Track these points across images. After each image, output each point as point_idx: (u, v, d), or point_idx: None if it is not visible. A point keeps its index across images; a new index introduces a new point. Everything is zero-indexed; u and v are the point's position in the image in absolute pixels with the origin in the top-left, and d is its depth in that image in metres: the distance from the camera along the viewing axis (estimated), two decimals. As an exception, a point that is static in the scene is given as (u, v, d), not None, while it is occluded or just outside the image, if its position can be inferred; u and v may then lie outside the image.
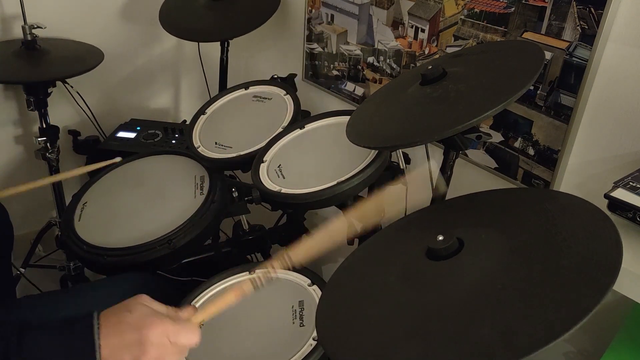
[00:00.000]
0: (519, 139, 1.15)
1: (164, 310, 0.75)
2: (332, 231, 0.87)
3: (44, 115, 1.65)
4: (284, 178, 1.17)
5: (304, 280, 1.06)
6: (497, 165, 1.22)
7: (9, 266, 1.48)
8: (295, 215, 1.50)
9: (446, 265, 0.70)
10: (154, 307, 0.74)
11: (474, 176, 1.27)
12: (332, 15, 1.52)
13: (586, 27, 0.99)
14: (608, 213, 0.78)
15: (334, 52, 1.56)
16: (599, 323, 1.03)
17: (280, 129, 1.30)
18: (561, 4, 1.02)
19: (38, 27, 1.60)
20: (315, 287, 1.04)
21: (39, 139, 1.66)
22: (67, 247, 1.21)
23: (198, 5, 1.68)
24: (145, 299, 0.74)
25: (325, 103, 1.65)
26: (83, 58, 1.64)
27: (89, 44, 1.73)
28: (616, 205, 0.81)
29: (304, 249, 0.83)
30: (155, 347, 0.70)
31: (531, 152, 1.14)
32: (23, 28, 1.58)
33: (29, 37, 1.59)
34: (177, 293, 1.17)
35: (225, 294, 0.81)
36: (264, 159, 1.23)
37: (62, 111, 1.84)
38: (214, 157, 1.31)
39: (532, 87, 1.09)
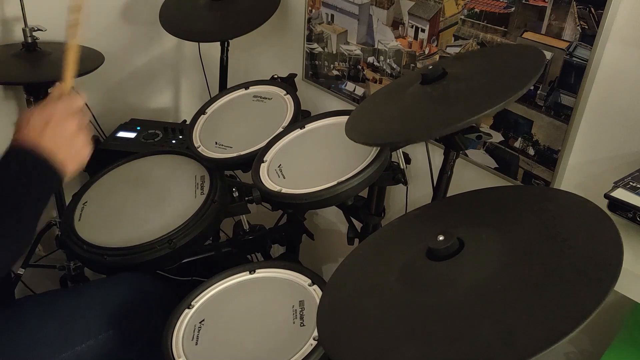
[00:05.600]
0: (519, 138, 1.15)
1: (47, 100, 0.88)
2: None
3: (44, 115, 1.65)
4: (284, 178, 1.17)
5: (304, 280, 1.06)
6: (497, 165, 1.22)
7: None
8: (295, 215, 1.50)
9: (446, 265, 0.70)
10: (38, 108, 0.86)
11: (474, 176, 1.27)
12: (332, 15, 1.52)
13: (586, 27, 0.99)
14: (608, 213, 0.78)
15: (334, 52, 1.56)
16: (599, 323, 1.03)
17: (280, 129, 1.30)
18: (561, 4, 1.02)
19: (39, 29, 1.60)
20: (315, 287, 1.04)
21: (39, 139, 1.66)
22: (67, 247, 1.21)
23: (198, 6, 1.68)
24: (26, 113, 0.86)
25: (325, 103, 1.65)
26: (83, 60, 1.63)
27: (89, 47, 1.73)
28: (616, 205, 0.81)
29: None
30: (67, 118, 0.85)
31: (531, 152, 1.14)
32: (24, 30, 1.59)
33: (29, 40, 1.59)
34: (176, 293, 1.17)
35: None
36: (264, 159, 1.23)
37: (62, 111, 1.84)
38: (214, 157, 1.31)
39: (532, 87, 1.09)
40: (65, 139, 0.84)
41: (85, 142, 0.87)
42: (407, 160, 1.22)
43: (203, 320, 1.02)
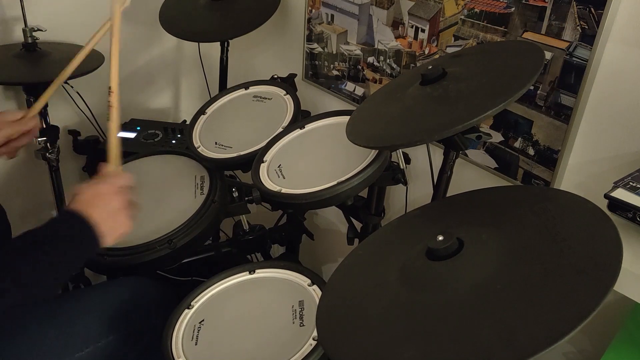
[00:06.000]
0: (519, 139, 1.15)
1: (99, 178, 0.98)
2: None
3: (44, 116, 1.65)
4: (284, 178, 1.17)
5: (304, 280, 1.06)
6: (497, 165, 1.22)
7: None
8: (295, 215, 1.50)
9: (446, 265, 0.70)
10: (88, 183, 0.95)
11: (474, 176, 1.27)
12: (332, 15, 1.52)
13: (586, 27, 0.99)
14: (608, 213, 0.78)
15: (334, 52, 1.56)
16: (599, 323, 1.03)
17: (280, 129, 1.30)
18: (561, 4, 1.02)
19: (39, 29, 1.60)
20: (315, 287, 1.04)
21: (39, 139, 1.66)
22: (67, 247, 1.20)
23: (198, 6, 1.68)
24: (79, 187, 0.93)
25: (325, 103, 1.65)
26: (83, 61, 1.64)
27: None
28: (616, 205, 0.81)
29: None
30: (114, 195, 0.94)
31: (531, 152, 1.14)
32: (24, 31, 1.59)
33: (29, 40, 1.59)
34: (176, 293, 1.17)
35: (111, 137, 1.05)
36: (264, 159, 1.23)
37: (62, 111, 1.84)
38: (214, 157, 1.31)
39: (532, 87, 1.09)
40: (110, 213, 0.92)
41: (127, 219, 0.96)
42: (407, 160, 1.22)
43: (203, 320, 1.02)
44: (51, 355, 1.02)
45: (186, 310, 1.04)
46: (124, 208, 0.95)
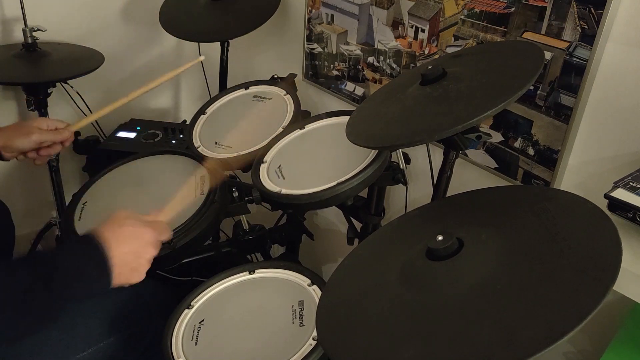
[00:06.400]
0: (519, 139, 1.15)
1: (141, 217, 0.93)
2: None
3: (44, 116, 1.65)
4: (284, 178, 1.17)
5: (303, 280, 1.06)
6: (497, 165, 1.22)
7: None
8: (295, 215, 1.50)
9: (446, 265, 0.70)
10: (136, 217, 0.91)
11: (474, 176, 1.27)
12: (332, 15, 1.52)
13: (586, 27, 0.99)
14: (608, 213, 0.78)
15: (334, 52, 1.56)
16: (599, 323, 1.03)
17: (280, 129, 1.30)
18: (561, 4, 1.02)
19: (39, 29, 1.60)
20: (315, 287, 1.04)
21: (39, 139, 1.66)
22: (67, 247, 1.20)
23: (198, 6, 1.68)
24: (125, 214, 0.90)
25: (325, 103, 1.65)
26: (83, 61, 1.64)
27: (90, 47, 1.73)
28: (616, 205, 0.81)
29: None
30: (151, 247, 0.89)
31: (531, 152, 1.14)
32: (24, 31, 1.59)
33: (29, 40, 1.59)
34: (176, 293, 1.17)
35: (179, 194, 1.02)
36: (264, 159, 1.23)
37: (62, 111, 1.84)
38: (214, 157, 1.30)
39: (532, 87, 1.09)
40: (133, 261, 0.87)
41: (142, 272, 0.90)
42: (407, 160, 1.22)
43: (203, 320, 1.02)
44: (52, 357, 1.02)
45: (186, 310, 1.04)
46: (147, 261, 0.90)
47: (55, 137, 1.19)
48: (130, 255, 0.86)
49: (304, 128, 1.29)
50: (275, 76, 1.47)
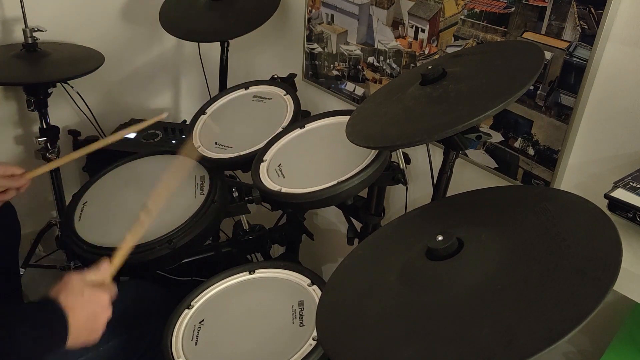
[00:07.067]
0: (519, 139, 1.15)
1: (93, 279, 0.94)
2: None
3: (44, 116, 1.65)
4: (284, 178, 1.17)
5: (303, 280, 1.06)
6: (497, 165, 1.22)
7: (16, 262, 1.49)
8: (295, 215, 1.50)
9: (446, 265, 0.70)
10: (89, 281, 0.92)
11: (474, 176, 1.27)
12: (332, 15, 1.52)
13: (586, 27, 0.99)
14: (608, 213, 0.78)
15: (334, 52, 1.56)
16: (599, 323, 1.03)
17: (280, 129, 1.30)
18: (561, 4, 1.02)
19: (39, 30, 1.60)
20: (315, 287, 1.04)
21: (39, 139, 1.66)
22: (67, 247, 1.21)
23: (198, 6, 1.68)
24: (76, 278, 0.91)
25: (325, 103, 1.65)
26: (83, 61, 1.64)
27: (90, 47, 1.73)
28: (616, 205, 0.81)
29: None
30: (107, 309, 0.92)
31: (531, 152, 1.14)
32: (24, 31, 1.59)
33: (29, 40, 1.59)
34: (176, 293, 1.17)
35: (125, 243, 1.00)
36: (264, 159, 1.23)
37: (62, 111, 1.85)
38: (214, 157, 1.31)
39: (532, 87, 1.09)
40: (92, 324, 0.90)
41: (99, 333, 0.92)
42: (407, 160, 1.22)
43: (203, 320, 1.02)
44: None
45: (186, 310, 1.04)
46: (103, 325, 0.92)
47: (10, 184, 1.17)
48: (90, 320, 0.89)
49: (304, 127, 1.29)
50: (275, 76, 1.47)
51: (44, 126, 1.67)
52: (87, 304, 0.89)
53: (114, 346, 1.07)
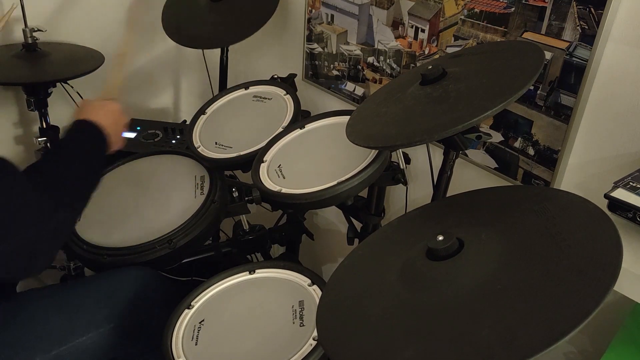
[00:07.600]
0: (519, 139, 1.15)
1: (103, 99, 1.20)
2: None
3: (44, 116, 1.65)
4: (284, 178, 1.17)
5: (304, 280, 1.06)
6: (497, 165, 1.22)
7: None
8: (295, 215, 1.50)
9: (446, 266, 0.70)
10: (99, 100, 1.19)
11: (474, 176, 1.27)
12: (332, 15, 1.52)
13: (586, 27, 0.99)
14: (608, 213, 0.78)
15: (334, 52, 1.56)
16: (599, 323, 1.03)
17: (280, 129, 1.30)
18: (561, 4, 1.02)
19: (39, 30, 1.60)
20: (315, 287, 1.05)
21: (39, 139, 1.66)
22: (67, 246, 1.21)
23: (198, 7, 1.67)
24: (89, 100, 1.19)
25: (325, 103, 1.65)
26: (83, 61, 1.64)
27: (90, 47, 1.73)
28: (616, 205, 0.81)
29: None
30: (121, 117, 1.18)
31: (531, 152, 1.14)
32: (24, 31, 1.59)
33: (29, 40, 1.59)
34: (177, 291, 1.17)
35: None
36: (264, 159, 1.23)
37: (62, 111, 1.84)
38: (214, 157, 1.31)
39: (532, 87, 1.09)
40: (112, 121, 1.13)
41: (122, 128, 1.18)
42: (407, 160, 1.22)
43: (203, 320, 1.02)
44: (53, 340, 1.03)
45: (186, 310, 1.04)
46: (123, 128, 1.18)
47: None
48: (114, 123, 1.14)
49: (304, 128, 1.29)
50: (275, 76, 1.47)
51: (44, 126, 1.67)
52: (108, 112, 1.13)
53: (115, 329, 1.07)
